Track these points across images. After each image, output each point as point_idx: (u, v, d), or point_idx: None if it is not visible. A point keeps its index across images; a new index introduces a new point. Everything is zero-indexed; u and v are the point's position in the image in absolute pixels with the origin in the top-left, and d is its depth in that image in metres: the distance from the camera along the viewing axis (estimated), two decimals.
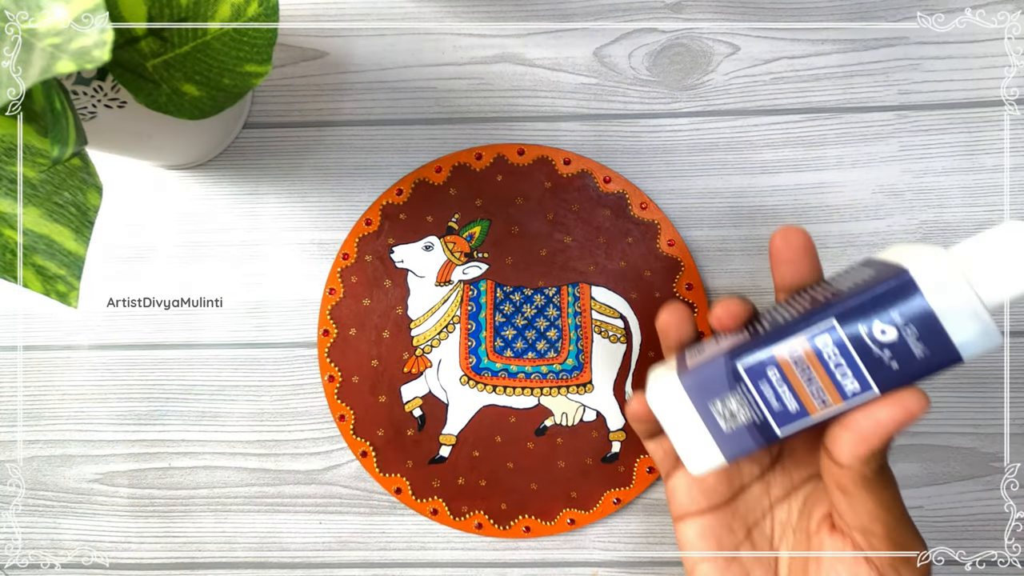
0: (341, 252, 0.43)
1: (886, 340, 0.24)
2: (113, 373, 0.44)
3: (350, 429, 0.42)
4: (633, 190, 0.42)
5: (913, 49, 0.43)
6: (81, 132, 0.27)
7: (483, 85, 0.44)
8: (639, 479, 0.42)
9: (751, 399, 0.26)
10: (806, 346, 0.25)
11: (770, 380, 0.26)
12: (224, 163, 0.44)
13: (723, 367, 0.26)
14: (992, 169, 0.42)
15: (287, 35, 0.44)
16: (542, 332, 0.42)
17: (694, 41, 0.43)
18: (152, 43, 0.30)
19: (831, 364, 0.25)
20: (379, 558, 0.43)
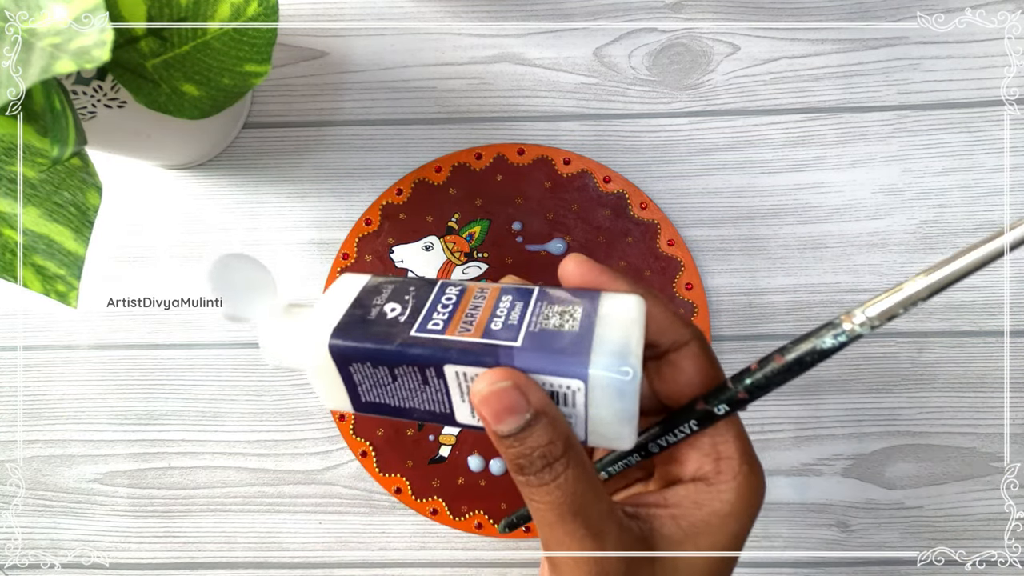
0: (341, 252, 0.43)
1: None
2: (113, 373, 0.44)
3: (350, 429, 0.42)
4: (633, 190, 0.42)
5: (913, 49, 0.43)
6: (81, 132, 0.27)
7: (483, 85, 0.44)
8: None
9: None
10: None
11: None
12: (224, 163, 0.44)
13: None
14: (992, 169, 0.42)
15: (287, 35, 0.44)
16: None
17: (694, 41, 0.43)
18: (152, 43, 0.30)
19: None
20: (379, 558, 0.43)
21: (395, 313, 0.24)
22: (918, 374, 0.42)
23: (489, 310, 0.23)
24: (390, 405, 0.25)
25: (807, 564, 0.42)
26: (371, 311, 0.24)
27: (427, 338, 0.22)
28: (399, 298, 0.24)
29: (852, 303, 0.42)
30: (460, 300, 0.24)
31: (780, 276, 0.43)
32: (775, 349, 0.22)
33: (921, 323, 0.42)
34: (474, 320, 0.23)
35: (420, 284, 0.25)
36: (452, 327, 0.23)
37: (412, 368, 0.23)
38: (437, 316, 0.23)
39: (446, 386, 0.23)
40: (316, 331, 0.23)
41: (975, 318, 0.42)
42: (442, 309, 0.24)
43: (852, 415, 0.42)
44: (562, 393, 0.21)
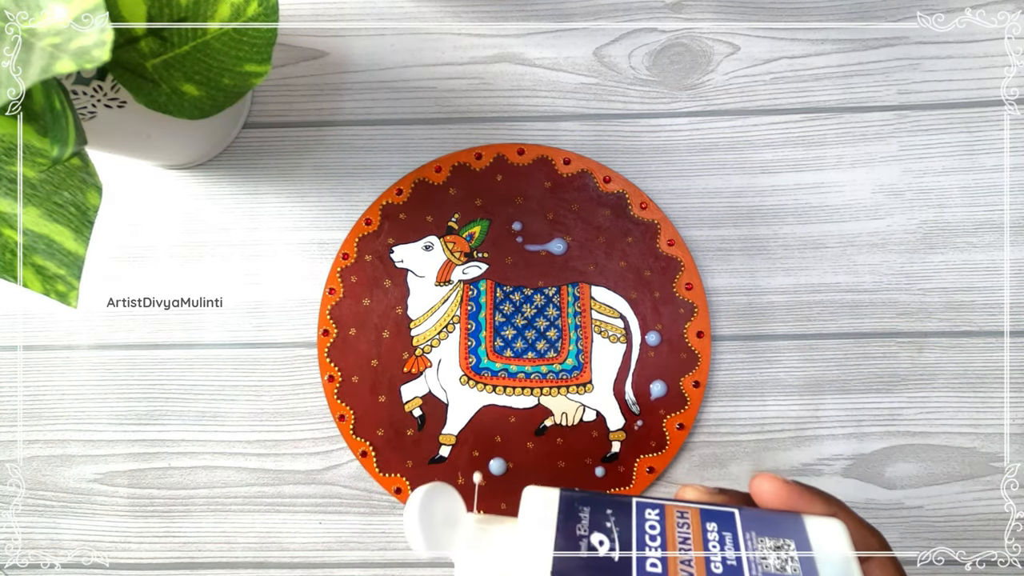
0: (341, 252, 0.43)
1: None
2: (113, 373, 0.44)
3: (350, 429, 0.42)
4: (633, 190, 0.42)
5: (913, 49, 0.43)
6: (81, 132, 0.27)
7: (483, 85, 0.44)
8: (639, 479, 0.42)
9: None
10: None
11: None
12: (224, 163, 0.44)
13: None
14: (992, 169, 0.42)
15: (287, 35, 0.44)
16: (542, 332, 0.42)
17: (694, 41, 0.43)
18: (152, 43, 0.30)
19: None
20: (379, 558, 0.43)
21: (605, 547, 0.24)
22: (918, 374, 0.42)
23: (701, 544, 0.24)
24: None
25: None
26: (579, 544, 0.24)
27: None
28: (601, 525, 0.25)
29: (852, 303, 0.42)
30: (665, 529, 0.25)
31: (780, 276, 0.43)
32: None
33: (921, 323, 0.42)
34: (690, 560, 0.24)
35: (615, 504, 0.26)
36: (672, 571, 0.24)
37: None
38: (650, 554, 0.24)
39: None
40: (530, 569, 0.24)
41: (975, 318, 0.42)
42: (651, 543, 0.24)
43: (852, 415, 0.42)
44: None
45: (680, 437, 0.42)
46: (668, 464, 0.42)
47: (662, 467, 0.42)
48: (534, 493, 0.26)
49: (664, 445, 0.42)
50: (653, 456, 0.42)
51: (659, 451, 0.42)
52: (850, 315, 0.42)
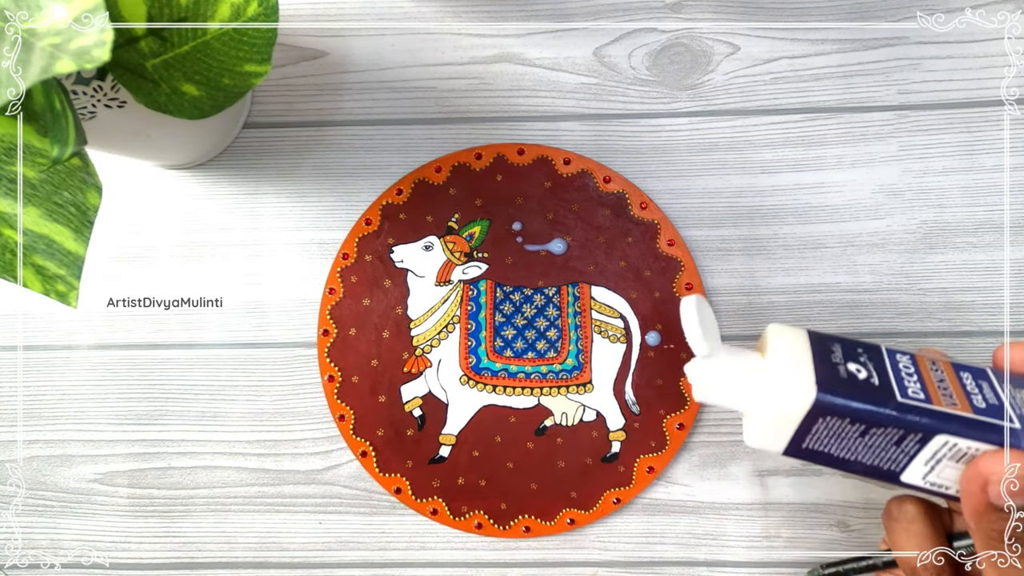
0: (341, 252, 0.43)
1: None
2: (113, 373, 0.44)
3: (350, 429, 0.42)
4: (633, 190, 0.42)
5: (913, 49, 0.43)
6: (81, 132, 0.27)
7: (483, 85, 0.44)
8: (639, 479, 0.42)
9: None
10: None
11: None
12: (224, 163, 0.44)
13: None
14: (992, 169, 0.42)
15: (287, 35, 0.44)
16: (542, 332, 0.42)
17: (694, 41, 0.43)
18: (152, 43, 0.30)
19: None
20: (379, 558, 0.43)
21: (864, 375, 0.25)
22: None
23: (958, 386, 0.25)
24: (832, 455, 0.26)
25: (807, 564, 0.42)
26: (839, 370, 0.25)
27: (919, 406, 0.24)
28: (855, 358, 0.26)
29: (852, 303, 0.42)
30: (920, 371, 0.26)
31: (780, 276, 0.43)
32: None
33: (921, 323, 0.42)
34: (951, 395, 0.25)
35: (866, 347, 0.27)
36: (935, 398, 0.25)
37: (897, 430, 0.24)
38: (911, 384, 0.25)
39: (918, 450, 0.25)
40: (793, 382, 0.25)
41: (975, 318, 0.42)
42: (909, 379, 0.25)
43: None
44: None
45: (680, 437, 0.42)
46: (668, 464, 0.42)
47: (662, 467, 0.42)
48: (779, 328, 0.28)
49: (664, 445, 0.42)
50: (653, 456, 0.42)
51: (659, 451, 0.42)
52: (850, 315, 0.42)
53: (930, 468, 0.25)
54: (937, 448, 0.25)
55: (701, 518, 0.43)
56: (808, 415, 0.25)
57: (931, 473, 0.26)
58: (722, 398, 0.27)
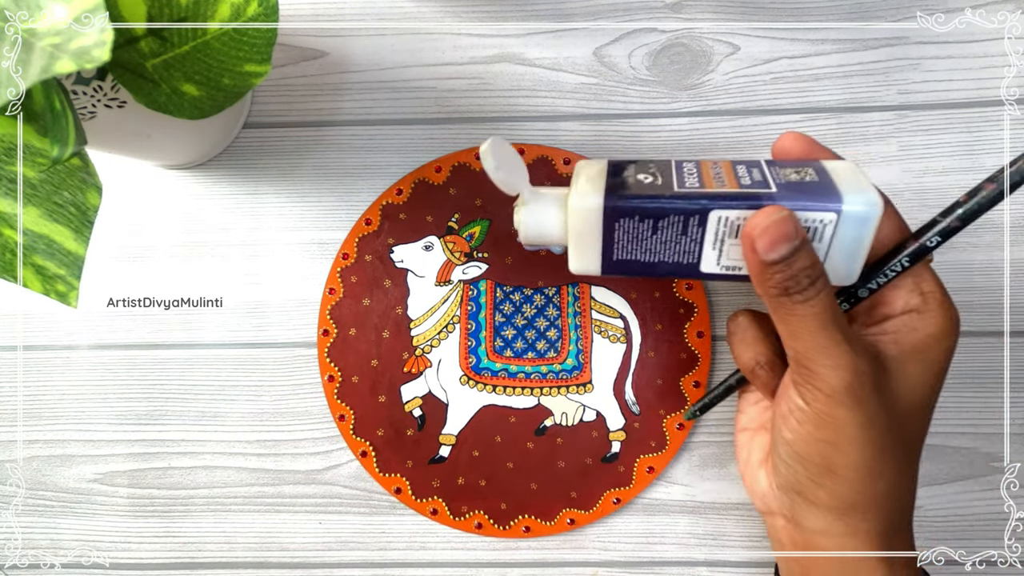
0: (341, 252, 0.43)
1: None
2: (113, 373, 0.44)
3: (350, 429, 0.42)
4: None
5: (913, 49, 0.43)
6: (81, 132, 0.27)
7: (483, 85, 0.44)
8: (639, 479, 0.42)
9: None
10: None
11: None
12: (224, 163, 0.44)
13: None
14: (992, 169, 0.42)
15: (287, 35, 0.44)
16: (542, 332, 0.42)
17: (694, 41, 0.43)
18: (152, 43, 0.30)
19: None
20: (379, 558, 0.43)
21: (650, 180, 0.28)
22: None
23: (731, 173, 0.27)
24: (640, 261, 0.28)
25: None
26: (627, 180, 0.28)
27: (692, 192, 0.26)
28: (645, 170, 0.28)
29: None
30: (700, 169, 0.28)
31: None
32: (983, 180, 0.27)
33: None
34: (723, 179, 0.27)
35: (657, 161, 0.29)
36: (708, 184, 0.27)
37: (678, 217, 0.27)
38: (689, 179, 0.27)
39: (703, 234, 0.27)
40: (585, 196, 0.27)
41: (975, 318, 0.42)
42: (689, 176, 0.28)
43: None
44: (813, 227, 0.26)
45: (680, 437, 0.42)
46: (668, 464, 0.42)
47: (662, 467, 0.42)
48: (584, 162, 0.30)
49: (664, 445, 0.42)
50: (653, 456, 0.42)
51: (659, 451, 0.42)
52: None
53: (719, 251, 0.27)
54: (716, 226, 0.27)
55: (701, 518, 0.43)
56: (605, 223, 0.27)
57: (722, 256, 0.27)
58: (540, 233, 0.30)
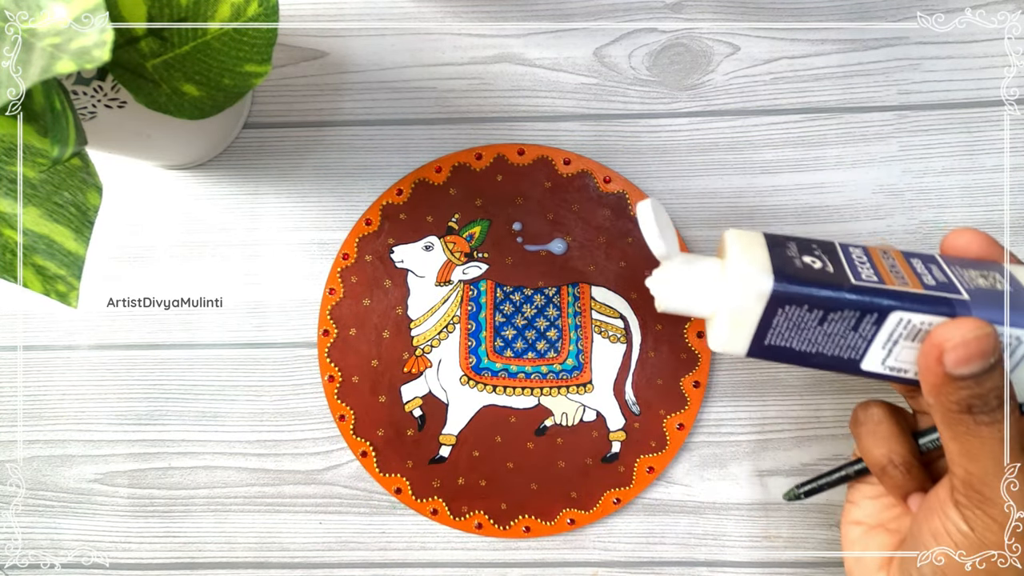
0: (341, 252, 0.43)
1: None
2: (113, 373, 0.44)
3: (350, 429, 0.42)
4: (633, 190, 0.42)
5: (913, 49, 0.43)
6: (81, 132, 0.27)
7: (483, 85, 0.44)
8: (639, 479, 0.42)
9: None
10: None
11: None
12: (224, 163, 0.44)
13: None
14: (992, 169, 0.42)
15: (287, 35, 0.44)
16: (542, 332, 0.42)
17: (694, 41, 0.43)
18: (152, 43, 0.30)
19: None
20: (379, 558, 0.43)
21: (819, 265, 0.26)
22: None
23: (908, 268, 0.26)
24: (794, 349, 0.26)
25: (807, 564, 0.42)
26: (794, 262, 0.26)
27: (872, 286, 0.25)
28: (809, 251, 0.27)
29: None
30: (872, 258, 0.26)
31: None
32: None
33: None
34: (903, 275, 0.25)
35: (820, 242, 0.27)
36: (887, 279, 0.25)
37: (854, 312, 0.25)
38: (864, 269, 0.26)
39: (875, 333, 0.25)
40: (750, 274, 0.25)
41: None
42: (861, 265, 0.26)
43: None
44: (1006, 343, 0.24)
45: (680, 437, 0.42)
46: (668, 464, 0.42)
47: (662, 467, 0.42)
48: (736, 232, 0.28)
49: (664, 445, 0.42)
50: (653, 456, 0.42)
51: (659, 451, 0.42)
52: None
53: (888, 351, 0.26)
54: (893, 327, 0.25)
55: (701, 518, 0.43)
56: (768, 306, 0.25)
57: (889, 357, 0.26)
58: (684, 304, 0.28)
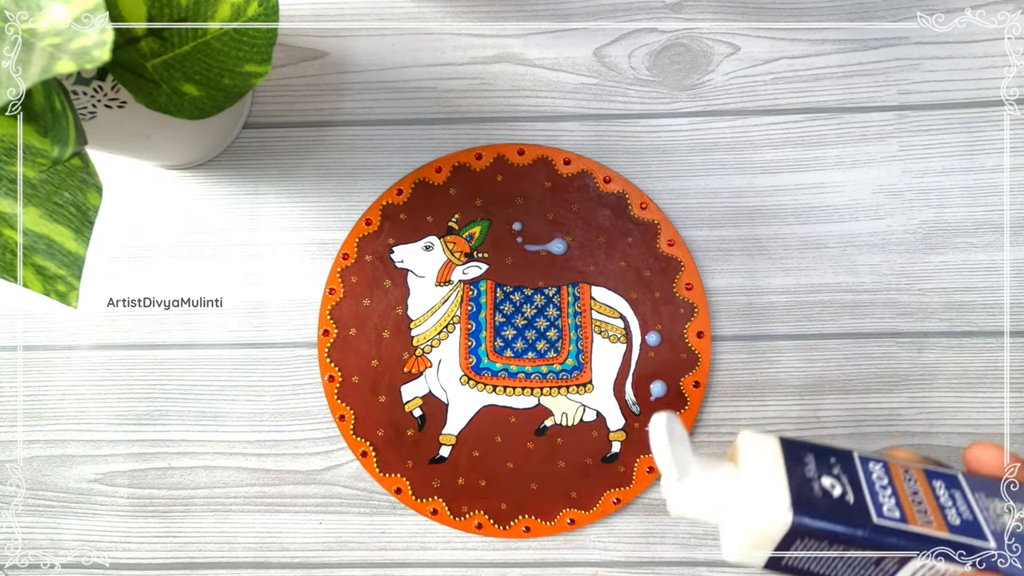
0: (341, 252, 0.43)
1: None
2: (113, 373, 0.44)
3: (350, 429, 0.42)
4: (633, 190, 0.42)
5: (913, 49, 0.43)
6: (81, 132, 0.27)
7: (483, 85, 0.44)
8: (639, 479, 0.42)
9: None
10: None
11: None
12: (224, 163, 0.44)
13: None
14: (992, 169, 0.42)
15: (287, 35, 0.44)
16: (542, 332, 0.42)
17: (694, 41, 0.43)
18: (152, 43, 0.30)
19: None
20: (379, 558, 0.43)
21: (838, 492, 0.25)
22: (918, 374, 0.42)
23: (932, 498, 0.25)
24: (813, 572, 0.26)
25: None
26: (811, 486, 0.25)
27: (895, 527, 0.24)
28: (828, 471, 0.26)
29: (852, 303, 0.42)
30: (893, 480, 0.26)
31: (780, 276, 0.43)
32: None
33: (921, 323, 0.42)
34: (926, 509, 0.25)
35: (836, 453, 0.26)
36: (911, 517, 0.25)
37: (875, 552, 0.25)
38: (885, 500, 0.25)
39: (897, 570, 0.25)
40: (767, 498, 0.25)
41: (975, 318, 0.42)
42: (882, 491, 0.25)
43: (852, 415, 0.42)
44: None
45: None
46: None
47: None
48: (751, 437, 0.27)
49: None
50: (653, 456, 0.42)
51: None
52: (850, 315, 0.42)
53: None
54: (915, 569, 0.25)
55: None
56: (786, 536, 0.25)
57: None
58: (699, 514, 0.27)
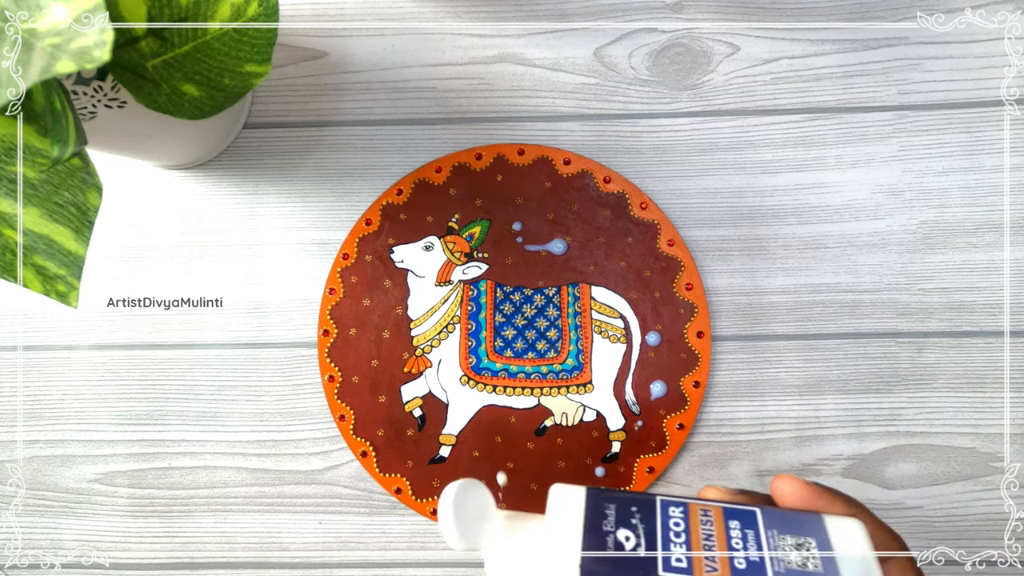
0: (341, 252, 0.43)
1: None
2: (113, 373, 0.44)
3: (350, 429, 0.42)
4: (633, 190, 0.42)
5: (913, 49, 0.43)
6: (81, 132, 0.27)
7: (483, 85, 0.44)
8: (639, 479, 0.42)
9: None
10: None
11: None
12: (224, 163, 0.44)
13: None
14: (992, 169, 0.42)
15: (287, 35, 0.44)
16: (542, 332, 0.42)
17: (694, 41, 0.43)
18: (152, 43, 0.30)
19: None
20: (379, 558, 0.43)
21: (631, 543, 0.25)
22: (918, 374, 0.42)
23: (724, 542, 0.25)
24: None
25: None
26: (606, 539, 0.25)
27: None
28: (627, 522, 0.26)
29: (852, 303, 0.42)
30: (689, 526, 0.26)
31: (780, 276, 0.43)
32: None
33: (921, 323, 0.42)
34: (715, 557, 0.25)
35: (639, 502, 0.27)
36: (697, 569, 0.25)
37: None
38: (676, 550, 0.25)
39: None
40: (563, 558, 0.25)
41: (975, 318, 0.42)
42: (676, 539, 0.25)
43: (852, 415, 0.42)
44: None
45: (680, 437, 0.42)
46: (668, 464, 0.42)
47: (662, 467, 0.42)
48: (561, 491, 0.27)
49: (664, 445, 0.42)
50: (653, 456, 0.42)
51: (659, 451, 0.42)
52: (850, 315, 0.42)
53: None
54: None
55: None
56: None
57: None
58: (512, 571, 0.27)
